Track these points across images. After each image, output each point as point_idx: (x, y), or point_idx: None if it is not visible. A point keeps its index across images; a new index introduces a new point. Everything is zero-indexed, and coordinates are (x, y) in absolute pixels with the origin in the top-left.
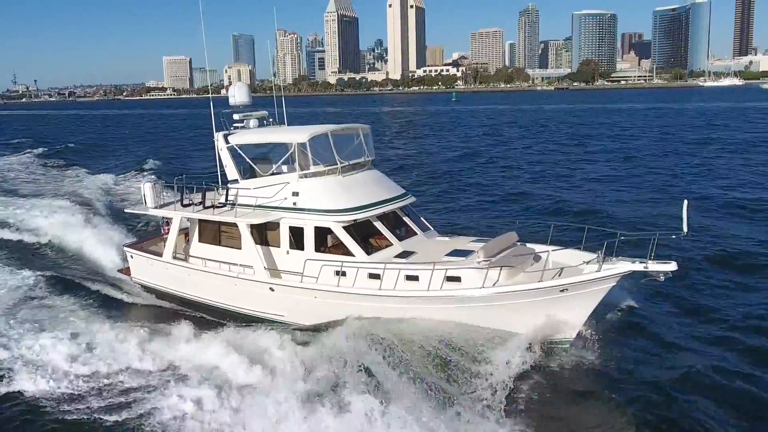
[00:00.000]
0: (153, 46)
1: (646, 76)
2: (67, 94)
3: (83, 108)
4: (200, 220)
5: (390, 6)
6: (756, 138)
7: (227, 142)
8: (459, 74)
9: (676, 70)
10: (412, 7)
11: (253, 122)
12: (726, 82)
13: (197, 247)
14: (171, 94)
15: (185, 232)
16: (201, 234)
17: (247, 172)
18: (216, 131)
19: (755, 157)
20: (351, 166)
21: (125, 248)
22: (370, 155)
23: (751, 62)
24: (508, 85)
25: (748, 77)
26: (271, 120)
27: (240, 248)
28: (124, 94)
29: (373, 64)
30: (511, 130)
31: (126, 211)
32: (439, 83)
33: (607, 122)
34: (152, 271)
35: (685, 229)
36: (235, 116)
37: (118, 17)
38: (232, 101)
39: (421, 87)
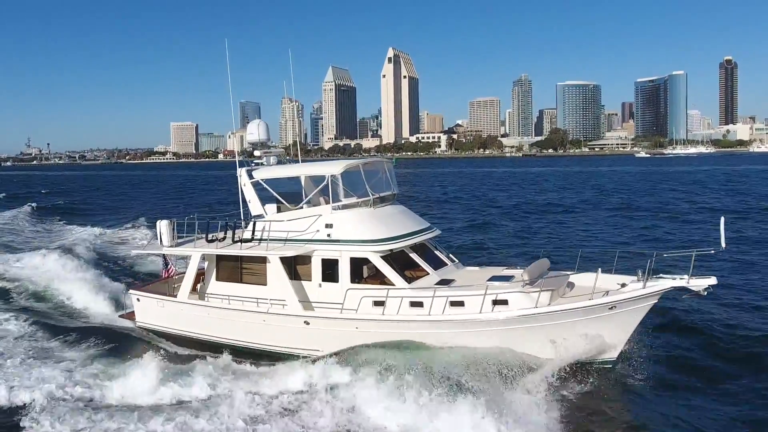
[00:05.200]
0: (162, 112)
1: (624, 144)
2: (77, 157)
3: (81, 170)
4: (218, 258)
5: (384, 77)
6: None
7: (251, 177)
8: (437, 140)
9: (656, 137)
10: (405, 77)
11: (273, 159)
12: (692, 150)
13: (215, 285)
14: (171, 159)
15: (200, 272)
16: (219, 272)
17: (274, 206)
18: (238, 167)
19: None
20: (380, 199)
21: (131, 291)
22: (395, 189)
23: (728, 131)
24: (486, 151)
25: (725, 145)
26: (288, 158)
27: (265, 284)
28: (127, 157)
29: (376, 130)
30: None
31: (134, 252)
32: (417, 150)
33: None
34: (163, 313)
35: (723, 243)
36: (256, 152)
37: (131, 83)
38: (251, 138)
39: (401, 152)
